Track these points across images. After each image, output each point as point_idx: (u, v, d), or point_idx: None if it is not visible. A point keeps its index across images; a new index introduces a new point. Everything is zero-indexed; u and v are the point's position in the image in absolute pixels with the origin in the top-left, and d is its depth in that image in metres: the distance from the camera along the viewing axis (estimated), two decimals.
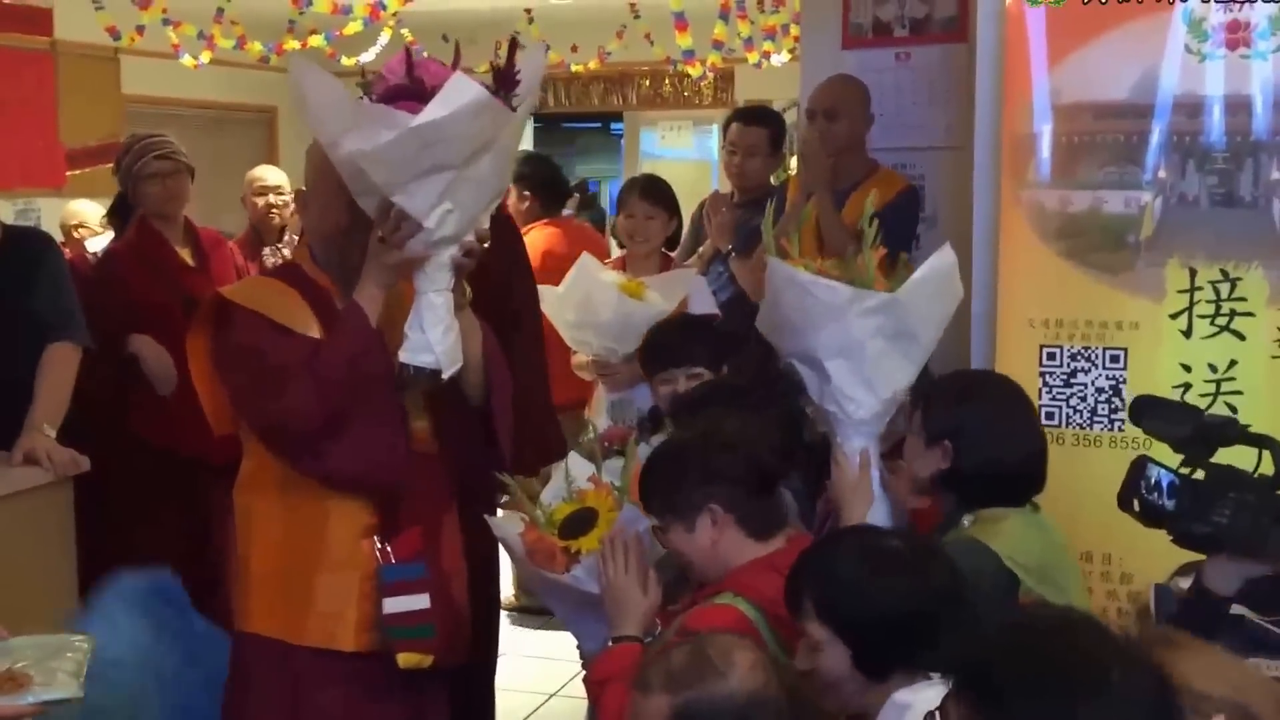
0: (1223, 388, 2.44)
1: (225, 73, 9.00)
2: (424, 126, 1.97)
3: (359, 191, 2.13)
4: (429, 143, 1.99)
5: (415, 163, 2.02)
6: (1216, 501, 1.79)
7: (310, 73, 2.07)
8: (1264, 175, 2.42)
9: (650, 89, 10.89)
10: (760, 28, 8.37)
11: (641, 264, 3.62)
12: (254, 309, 2.23)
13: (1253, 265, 2.42)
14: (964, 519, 2.09)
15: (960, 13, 3.69)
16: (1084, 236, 2.50)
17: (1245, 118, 2.43)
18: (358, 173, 2.08)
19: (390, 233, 2.11)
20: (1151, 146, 2.47)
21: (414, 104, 2.00)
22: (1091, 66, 2.49)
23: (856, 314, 2.15)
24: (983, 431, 2.10)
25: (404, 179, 2.04)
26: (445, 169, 2.04)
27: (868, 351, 2.16)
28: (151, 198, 3.69)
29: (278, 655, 2.29)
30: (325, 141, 2.10)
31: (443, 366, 2.16)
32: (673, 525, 2.06)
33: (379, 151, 2.00)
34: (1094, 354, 2.50)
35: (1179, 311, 2.46)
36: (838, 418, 2.22)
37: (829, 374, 2.18)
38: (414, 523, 2.27)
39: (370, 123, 2.01)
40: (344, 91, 2.06)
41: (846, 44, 3.84)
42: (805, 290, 2.17)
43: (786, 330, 2.23)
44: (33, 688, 1.99)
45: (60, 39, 7.69)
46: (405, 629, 2.24)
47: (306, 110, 2.09)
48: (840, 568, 1.77)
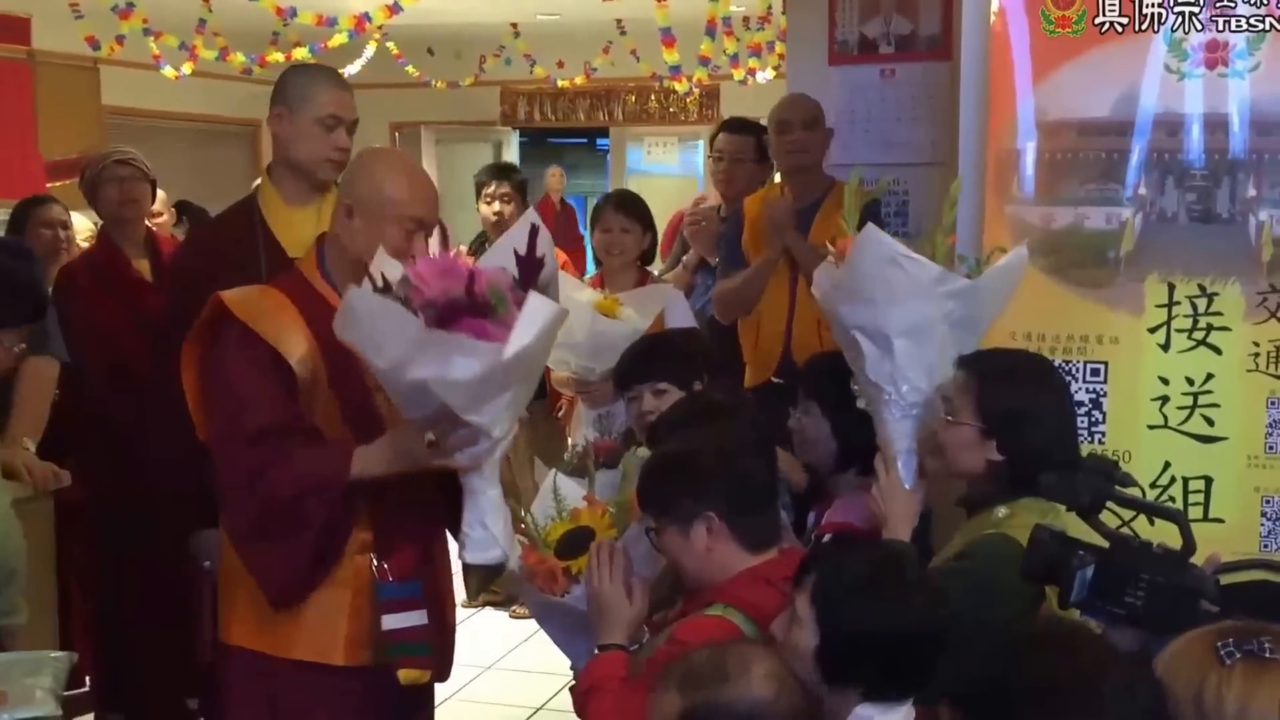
0: (1200, 400, 2.46)
1: (208, 84, 8.98)
2: (513, 356, 1.93)
3: (416, 405, 2.05)
4: (512, 366, 1.96)
5: (499, 386, 1.99)
6: (1127, 584, 1.77)
7: (367, 300, 1.99)
8: (1241, 192, 2.45)
9: (636, 105, 10.94)
10: (746, 45, 8.43)
11: (618, 277, 3.63)
12: (248, 324, 2.20)
13: (1229, 281, 2.45)
14: (999, 509, 2.06)
15: (944, 31, 3.74)
16: (1066, 252, 2.52)
17: (1223, 136, 2.45)
18: (422, 392, 2.00)
19: (451, 442, 2.06)
20: (1132, 164, 2.49)
21: (477, 321, 1.95)
22: (1074, 85, 2.52)
23: (939, 295, 2.12)
24: (1049, 412, 2.08)
25: (484, 402, 2.00)
26: (519, 382, 2.03)
27: (935, 334, 2.14)
28: (109, 202, 3.67)
29: (263, 669, 2.28)
30: (384, 366, 2.01)
31: (508, 558, 2.16)
32: (667, 529, 2.06)
33: (464, 382, 1.95)
34: (1075, 367, 2.52)
35: (1157, 326, 2.48)
36: (889, 398, 2.18)
37: (894, 351, 2.14)
38: (409, 541, 2.26)
39: (447, 351, 1.94)
40: (410, 318, 1.95)
41: (832, 60, 3.88)
42: (895, 262, 2.12)
43: (861, 300, 2.17)
44: (9, 705, 1.99)
45: (38, 49, 7.67)
46: (404, 646, 2.23)
47: (361, 335, 2.02)
48: (854, 570, 1.78)
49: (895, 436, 2.19)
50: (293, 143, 2.67)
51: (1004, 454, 2.06)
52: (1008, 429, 2.06)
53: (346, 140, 2.69)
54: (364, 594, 2.25)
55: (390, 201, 2.24)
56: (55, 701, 2.10)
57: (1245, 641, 1.48)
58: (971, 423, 2.08)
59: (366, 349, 2.03)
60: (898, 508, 2.17)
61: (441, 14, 8.48)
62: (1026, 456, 2.04)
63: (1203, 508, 2.47)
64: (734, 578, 2.02)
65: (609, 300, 3.40)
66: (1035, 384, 2.12)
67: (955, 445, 2.11)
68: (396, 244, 2.21)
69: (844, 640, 1.73)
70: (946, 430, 2.12)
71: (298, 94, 2.68)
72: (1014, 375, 2.13)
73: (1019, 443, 2.05)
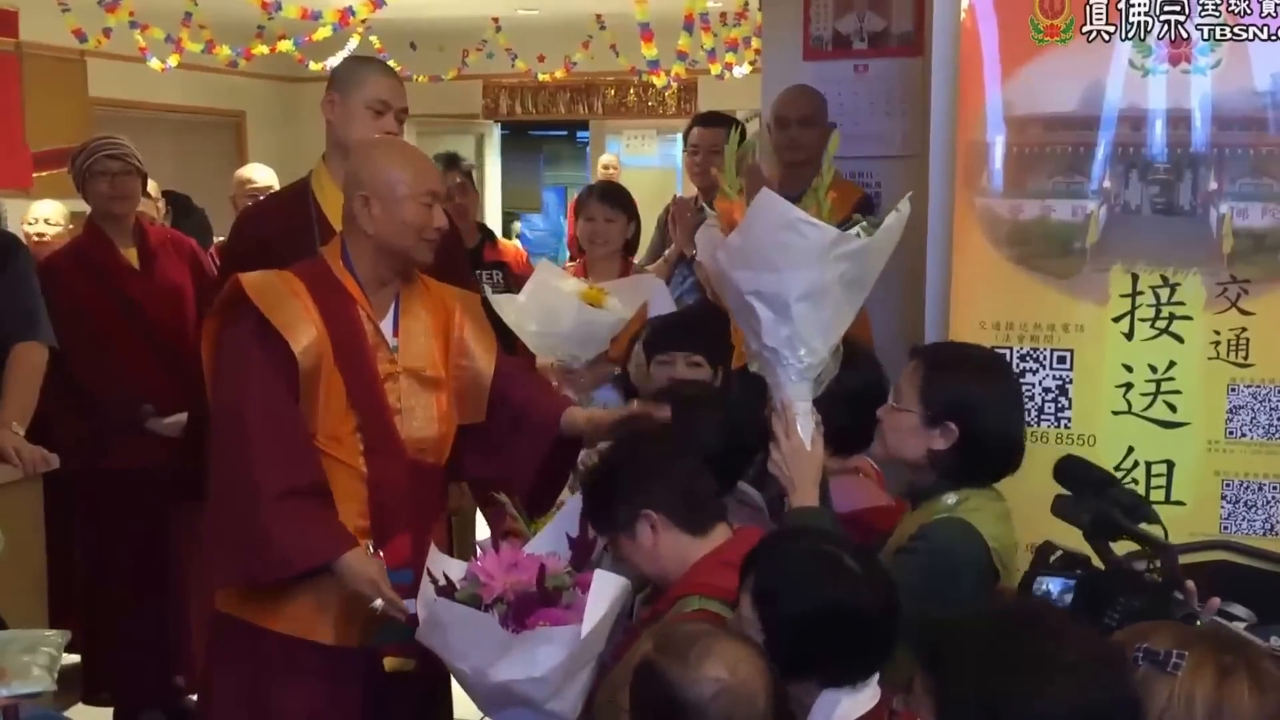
0: (1162, 387, 2.52)
1: (193, 76, 8.99)
2: (591, 632, 2.00)
3: (496, 704, 2.09)
4: (589, 643, 2.02)
5: (577, 667, 2.03)
6: (1107, 605, 1.81)
7: (451, 610, 2.06)
8: (1202, 186, 2.50)
9: (615, 98, 10.97)
10: (723, 40, 8.49)
11: (602, 267, 3.67)
12: (263, 310, 2.26)
13: (1191, 271, 2.50)
14: (948, 497, 2.09)
15: (916, 28, 3.81)
16: (1033, 243, 2.57)
17: (1185, 131, 2.51)
18: (504, 692, 2.04)
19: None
20: (1097, 158, 2.54)
21: (551, 611, 2.03)
22: (1042, 81, 2.57)
23: (834, 257, 2.08)
24: (993, 406, 2.11)
25: (561, 689, 2.04)
26: (588, 664, 2.07)
27: (830, 297, 2.12)
28: (99, 196, 3.70)
29: (251, 638, 2.33)
30: (468, 670, 2.06)
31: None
32: (619, 539, 2.13)
33: (547, 675, 2.00)
34: (1042, 355, 2.57)
35: (1121, 315, 2.53)
36: (785, 364, 2.14)
37: (793, 317, 2.10)
38: (406, 530, 2.31)
39: (530, 646, 2.00)
40: (493, 625, 2.02)
41: (807, 56, 3.94)
42: (793, 227, 2.06)
43: (758, 266, 2.11)
44: (7, 682, 2.03)
45: (26, 40, 7.65)
46: (391, 633, 2.29)
47: (446, 642, 2.08)
48: (791, 566, 1.81)
49: (794, 398, 2.15)
50: (343, 126, 2.76)
51: (947, 443, 2.09)
52: (950, 417, 2.09)
53: (395, 126, 2.77)
54: None
55: (402, 182, 2.33)
56: (51, 678, 2.14)
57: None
58: (914, 409, 2.11)
59: (452, 656, 2.08)
60: (801, 469, 2.12)
61: (424, 8, 8.50)
62: (969, 446, 2.09)
63: (1165, 491, 2.52)
64: (695, 566, 2.06)
65: (595, 290, 3.45)
66: (981, 376, 2.16)
67: (897, 430, 2.14)
68: (419, 219, 2.32)
69: (789, 636, 1.75)
70: (890, 415, 2.15)
71: (348, 80, 2.79)
72: (962, 367, 2.16)
73: (963, 432, 2.09)
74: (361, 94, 2.75)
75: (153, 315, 3.69)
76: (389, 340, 2.38)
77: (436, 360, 2.42)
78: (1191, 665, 1.44)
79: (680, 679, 1.67)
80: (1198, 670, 1.44)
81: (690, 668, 1.68)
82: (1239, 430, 2.50)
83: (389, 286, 2.40)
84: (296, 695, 2.33)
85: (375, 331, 2.37)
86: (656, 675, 1.69)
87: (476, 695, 2.13)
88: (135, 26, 7.13)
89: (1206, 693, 1.42)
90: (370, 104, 2.74)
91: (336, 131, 2.79)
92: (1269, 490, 2.50)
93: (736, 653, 1.71)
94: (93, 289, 3.64)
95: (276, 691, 2.33)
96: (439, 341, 2.44)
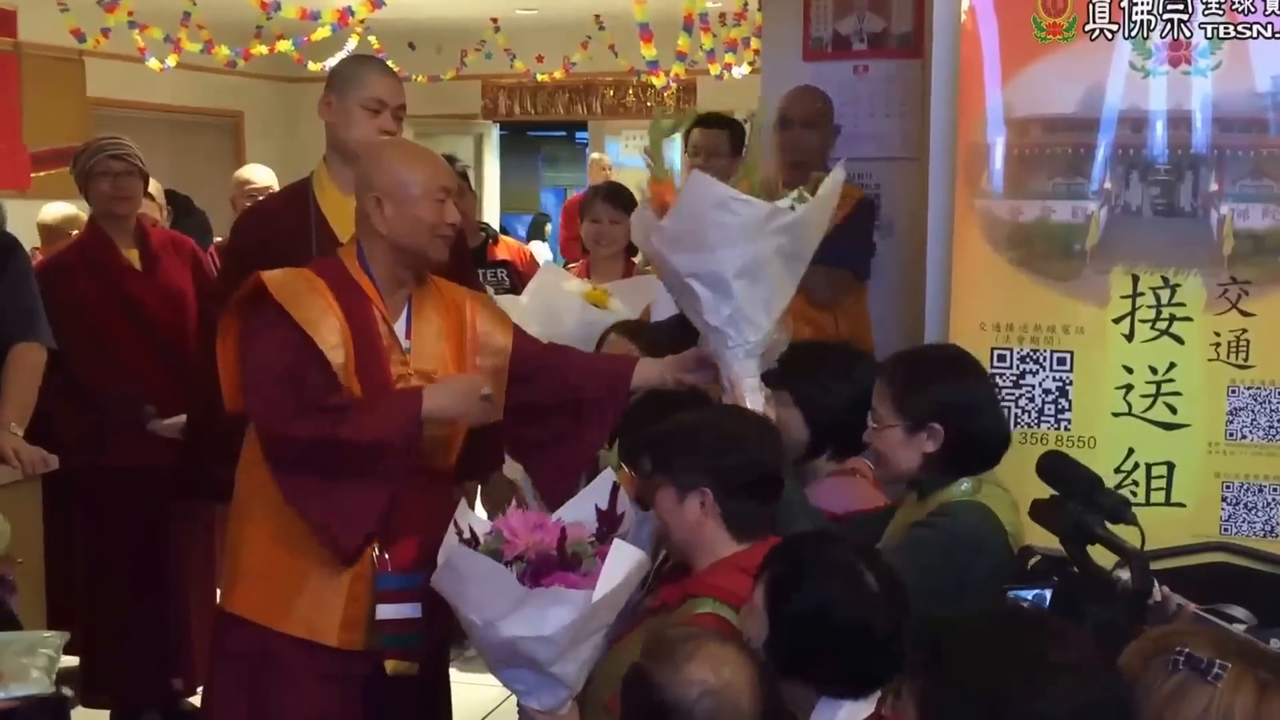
0: (1162, 389, 2.52)
1: (191, 77, 8.99)
2: (602, 599, 1.98)
3: (503, 661, 2.10)
4: (600, 609, 2.01)
5: (585, 633, 2.03)
6: (1079, 617, 1.82)
7: (471, 560, 2.06)
8: (1203, 187, 2.50)
9: (614, 99, 10.97)
10: (723, 40, 8.49)
11: (606, 267, 3.68)
12: (286, 307, 2.26)
13: (1191, 272, 2.51)
14: (962, 483, 2.11)
15: (916, 29, 3.81)
16: (1033, 245, 2.57)
17: (1186, 132, 2.51)
18: (510, 649, 2.05)
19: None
20: (1097, 159, 2.55)
21: (566, 575, 2.04)
22: (1042, 82, 2.57)
23: (769, 232, 2.10)
24: (965, 394, 2.15)
25: (568, 653, 2.04)
26: (596, 632, 2.06)
27: (769, 271, 2.13)
28: (101, 196, 3.68)
29: (256, 638, 2.33)
30: (479, 621, 2.05)
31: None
32: (663, 487, 2.07)
33: (555, 635, 2.00)
34: (1042, 356, 2.58)
35: (1122, 316, 2.54)
36: (731, 342, 2.17)
37: (734, 293, 2.11)
38: (414, 532, 2.30)
39: (543, 605, 2.01)
40: (511, 579, 2.03)
41: (807, 57, 3.94)
42: (726, 205, 2.09)
43: (694, 247, 2.14)
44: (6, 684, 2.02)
45: (24, 40, 7.66)
46: (395, 636, 2.29)
47: (462, 592, 2.07)
48: (807, 564, 1.80)
49: (742, 374, 2.19)
50: (341, 127, 2.75)
51: (936, 444, 2.11)
52: (931, 419, 2.11)
53: (392, 124, 2.76)
54: (363, 580, 2.30)
55: (414, 181, 2.33)
56: (50, 680, 2.14)
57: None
58: (895, 423, 2.14)
59: (464, 605, 2.08)
60: None
61: (422, 8, 8.50)
62: (959, 438, 2.11)
63: (1165, 492, 2.53)
64: (715, 566, 2.03)
65: (599, 292, 3.46)
66: (946, 372, 2.19)
67: (888, 448, 2.17)
68: (433, 216, 2.33)
69: (791, 633, 1.75)
70: (876, 437, 2.18)
71: (343, 81, 2.78)
72: (926, 369, 2.20)
73: (948, 428, 2.11)
74: (357, 93, 2.74)
75: (154, 315, 3.69)
76: (401, 342, 2.38)
77: (447, 362, 2.42)
78: (1233, 678, 1.43)
79: (665, 681, 1.69)
80: (1239, 683, 1.43)
81: (675, 670, 1.69)
82: (1239, 432, 2.51)
83: (404, 288, 2.40)
84: (298, 696, 2.32)
85: (389, 333, 2.37)
86: (643, 677, 1.71)
87: (484, 650, 2.12)
88: (134, 26, 7.13)
89: (1247, 707, 1.42)
90: (365, 103, 2.73)
91: (335, 133, 2.78)
92: (1269, 492, 2.50)
93: (722, 655, 1.71)
94: (95, 288, 3.64)
95: (278, 692, 2.33)
96: (451, 344, 2.44)
